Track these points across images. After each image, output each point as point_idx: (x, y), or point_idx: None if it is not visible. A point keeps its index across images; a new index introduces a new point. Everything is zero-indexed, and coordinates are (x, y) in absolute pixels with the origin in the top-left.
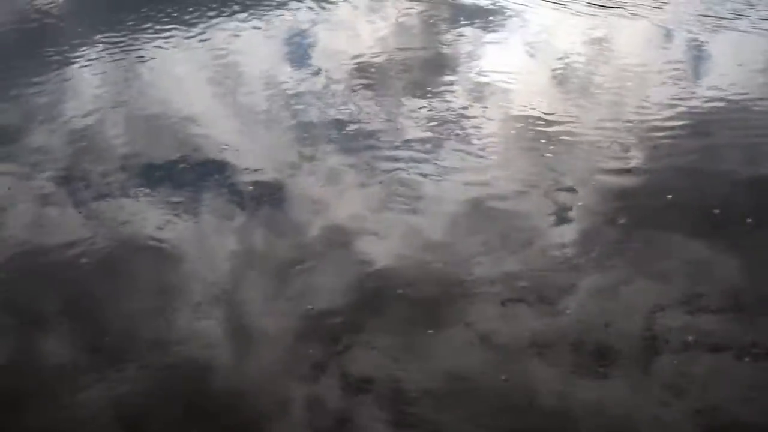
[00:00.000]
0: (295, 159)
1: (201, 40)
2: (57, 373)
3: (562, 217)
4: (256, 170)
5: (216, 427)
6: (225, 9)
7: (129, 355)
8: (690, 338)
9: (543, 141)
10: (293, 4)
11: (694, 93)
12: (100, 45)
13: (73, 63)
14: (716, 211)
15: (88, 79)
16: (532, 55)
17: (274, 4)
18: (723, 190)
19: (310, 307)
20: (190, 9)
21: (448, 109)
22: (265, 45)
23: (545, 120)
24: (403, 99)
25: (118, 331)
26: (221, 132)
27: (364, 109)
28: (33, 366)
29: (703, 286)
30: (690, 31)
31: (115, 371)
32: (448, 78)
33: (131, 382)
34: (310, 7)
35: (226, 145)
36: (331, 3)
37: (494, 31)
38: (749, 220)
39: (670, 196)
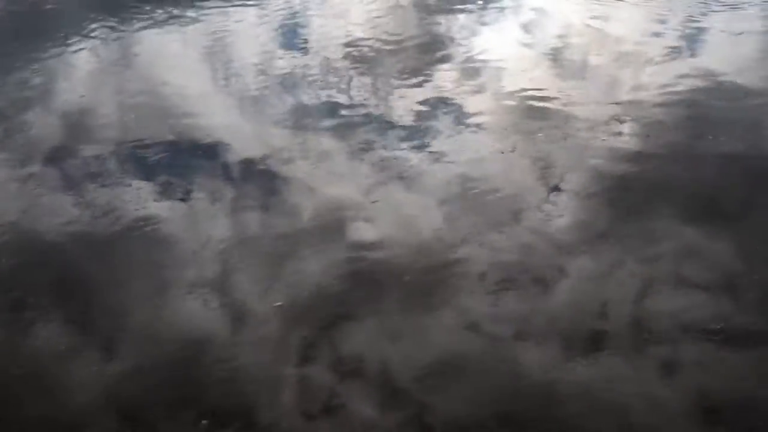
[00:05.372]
0: (287, 141)
1: (195, 23)
2: (49, 358)
3: (554, 199)
4: (248, 152)
5: (209, 409)
6: None
7: (122, 339)
8: (681, 321)
9: (536, 123)
10: None
11: (688, 73)
12: (94, 28)
13: (66, 46)
14: (710, 192)
15: (81, 62)
16: (526, 38)
17: None
18: (716, 171)
19: (301, 289)
20: None
21: (441, 91)
22: (259, 28)
23: (538, 102)
24: (396, 81)
25: (111, 315)
26: (214, 114)
27: (357, 90)
28: (26, 351)
29: (696, 270)
30: (686, 11)
31: (108, 356)
32: (441, 60)
33: (124, 367)
34: None
35: (219, 127)
36: None
37: (489, 13)
38: (743, 202)
39: (664, 178)
